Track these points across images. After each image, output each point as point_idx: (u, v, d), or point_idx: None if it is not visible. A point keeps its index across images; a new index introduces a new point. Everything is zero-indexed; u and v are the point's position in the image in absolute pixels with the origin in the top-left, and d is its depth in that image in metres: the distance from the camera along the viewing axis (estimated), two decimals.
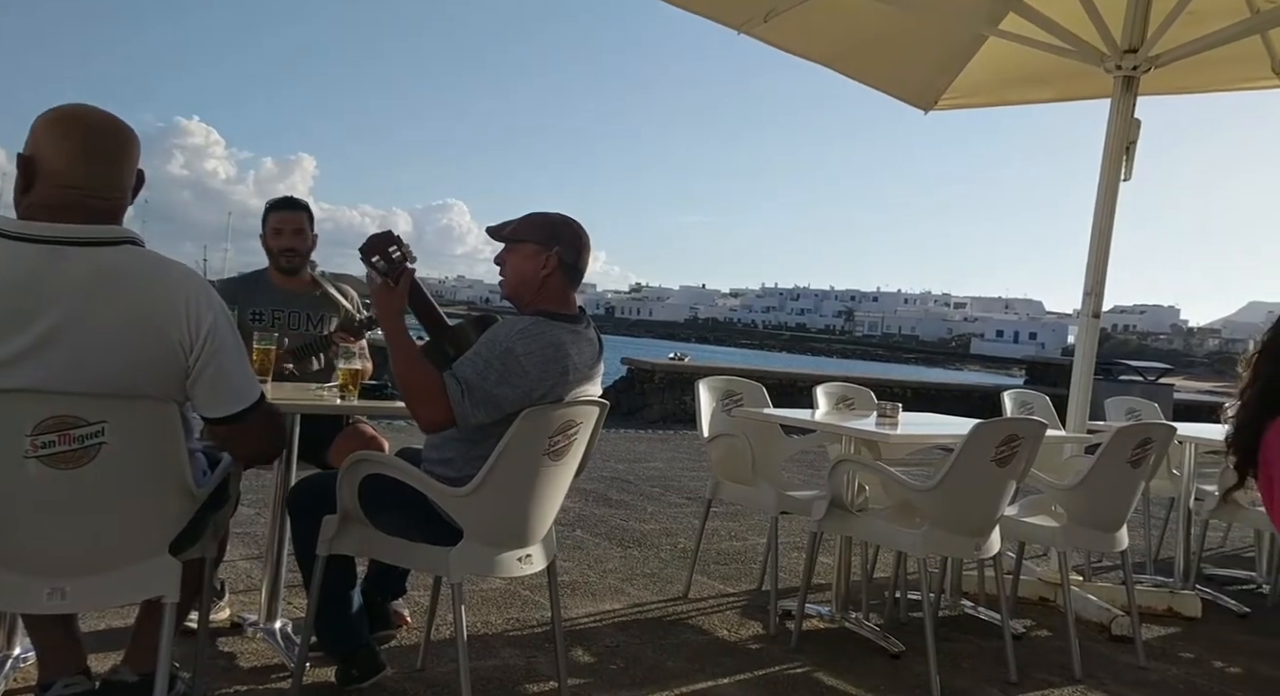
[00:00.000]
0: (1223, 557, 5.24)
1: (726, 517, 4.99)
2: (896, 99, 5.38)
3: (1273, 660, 3.46)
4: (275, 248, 3.27)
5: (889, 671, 3.03)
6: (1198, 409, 11.09)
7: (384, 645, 2.77)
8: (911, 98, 5.40)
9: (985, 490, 2.97)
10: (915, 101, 5.41)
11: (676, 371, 10.17)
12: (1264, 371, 2.28)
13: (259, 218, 3.34)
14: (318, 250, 3.37)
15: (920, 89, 5.35)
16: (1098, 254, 4.17)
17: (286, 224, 3.26)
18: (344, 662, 2.46)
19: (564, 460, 2.31)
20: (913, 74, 5.27)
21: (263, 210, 3.35)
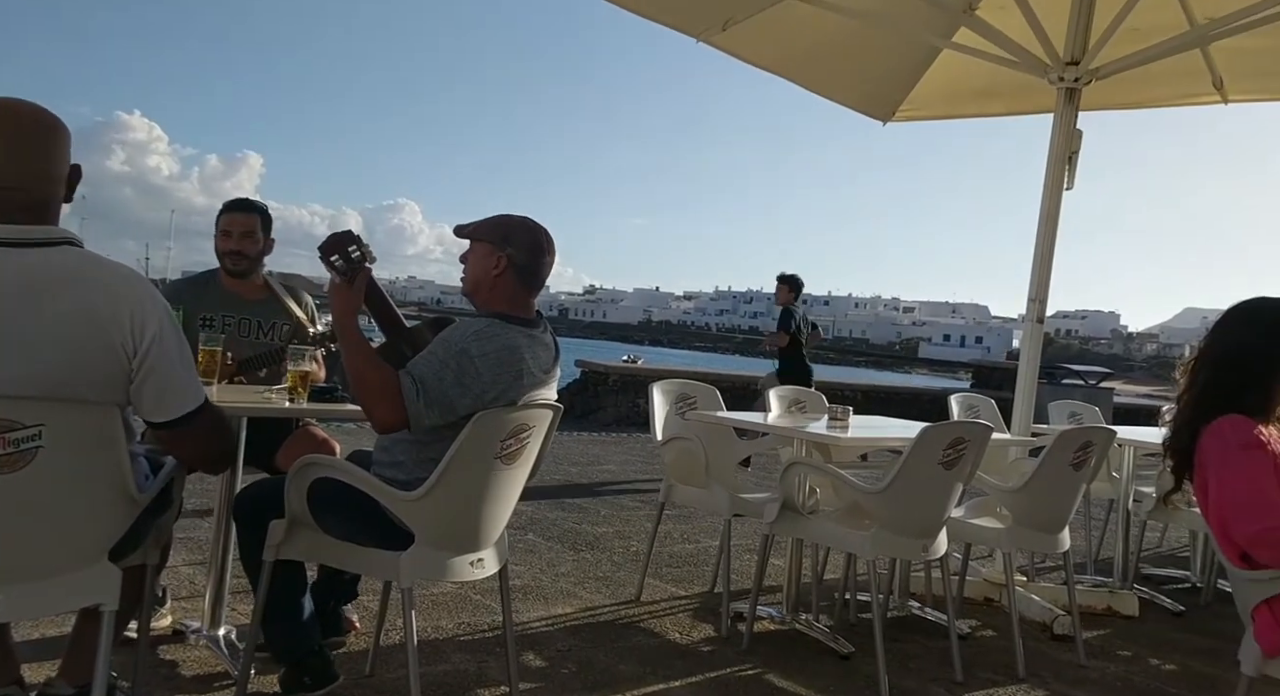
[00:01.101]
0: (1159, 557, 5.39)
1: (679, 520, 5.01)
2: (855, 110, 5.45)
3: (1206, 657, 3.56)
4: (222, 250, 3.20)
5: (839, 672, 3.06)
6: (1137, 412, 11.40)
7: (335, 651, 2.73)
8: (870, 109, 5.47)
9: (933, 492, 3.03)
10: (873, 113, 5.49)
11: (630, 374, 10.18)
12: (1199, 378, 2.36)
13: (204, 216, 3.32)
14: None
15: (878, 100, 5.42)
16: (1041, 261, 4.26)
17: (235, 226, 3.20)
18: (295, 669, 2.41)
19: (517, 464, 2.30)
20: (870, 86, 5.35)
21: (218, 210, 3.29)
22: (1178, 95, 5.16)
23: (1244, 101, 4.99)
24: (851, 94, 5.39)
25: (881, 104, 5.44)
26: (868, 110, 5.47)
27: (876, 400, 10.70)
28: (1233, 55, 4.64)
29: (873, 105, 5.45)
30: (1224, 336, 2.37)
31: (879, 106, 5.46)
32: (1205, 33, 4.17)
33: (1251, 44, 4.38)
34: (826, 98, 5.31)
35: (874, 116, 5.51)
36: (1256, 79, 4.89)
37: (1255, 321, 2.34)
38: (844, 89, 5.35)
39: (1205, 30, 4.17)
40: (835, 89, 5.33)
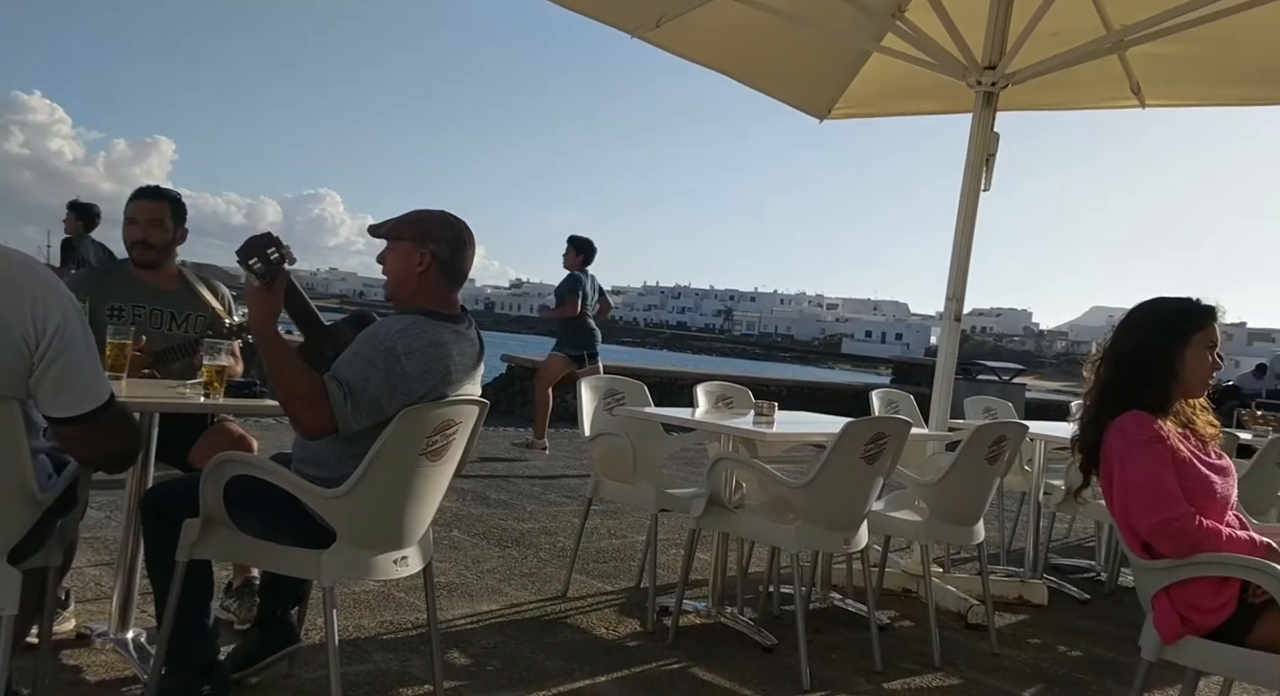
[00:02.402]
0: (1067, 548, 5.60)
1: (606, 516, 5.01)
2: (792, 107, 5.49)
3: (1109, 643, 3.72)
4: (129, 239, 3.07)
5: (762, 664, 3.11)
6: (1047, 407, 11.82)
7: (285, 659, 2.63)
8: (806, 106, 5.51)
9: (855, 486, 3.09)
10: (810, 110, 5.52)
11: None
12: (1104, 376, 2.46)
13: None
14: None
15: (814, 97, 5.46)
16: (959, 261, 4.38)
17: (141, 213, 3.07)
18: (196, 679, 2.32)
19: (442, 460, 2.27)
20: (808, 82, 5.39)
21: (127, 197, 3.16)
22: (1098, 99, 5.28)
23: (1161, 107, 5.13)
24: (790, 90, 5.43)
25: (819, 101, 5.47)
26: (805, 107, 5.51)
27: (801, 395, 10.86)
28: (1149, 62, 4.78)
29: (810, 102, 5.48)
30: (1125, 336, 2.48)
31: (816, 103, 5.49)
32: (1118, 38, 4.30)
33: (1166, 51, 4.55)
34: (765, 93, 5.34)
35: (811, 113, 5.54)
36: (1172, 85, 5.03)
37: (1152, 322, 2.45)
38: (782, 85, 5.39)
39: (1118, 36, 4.30)
40: (774, 85, 5.36)
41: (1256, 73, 4.78)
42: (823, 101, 5.49)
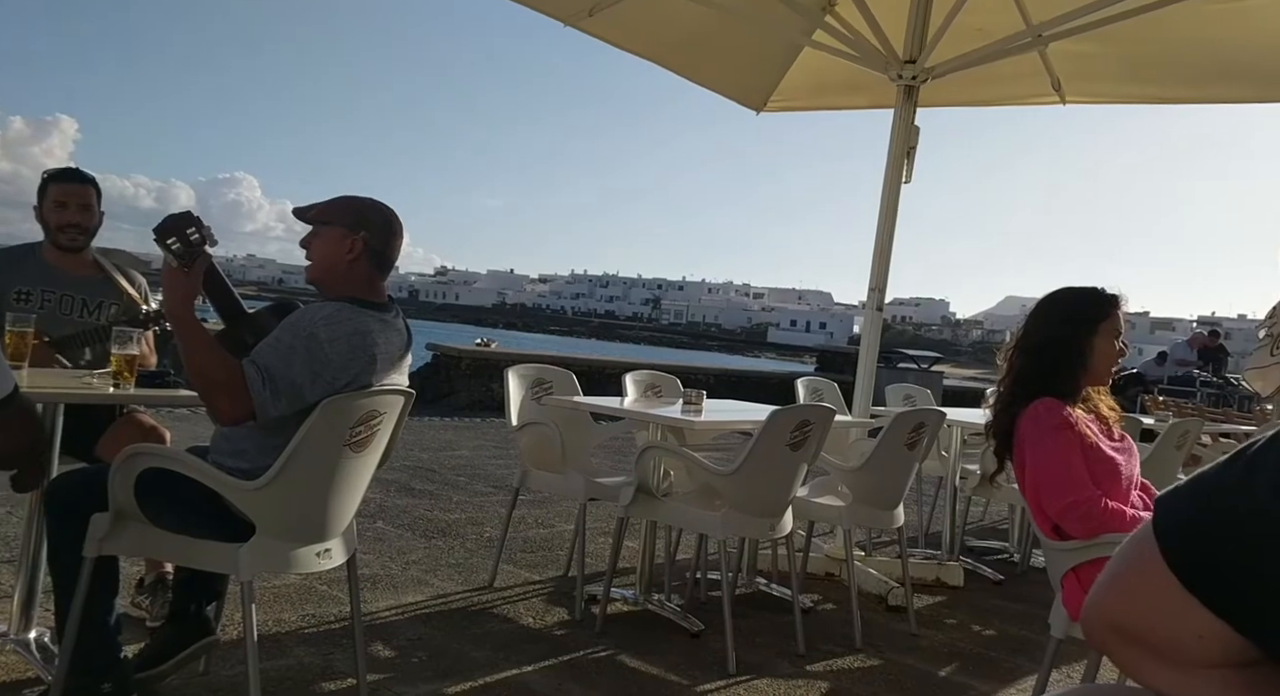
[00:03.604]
0: (982, 530, 5.80)
1: (534, 505, 4.99)
2: (728, 98, 5.49)
3: (1021, 622, 3.86)
4: (57, 223, 2.93)
5: (689, 650, 3.14)
6: (963, 394, 12.19)
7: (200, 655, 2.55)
8: (743, 98, 5.51)
9: (780, 473, 3.14)
10: (746, 102, 5.54)
11: (484, 358, 10.04)
12: (1015, 365, 2.55)
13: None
14: None
15: (750, 90, 5.47)
16: (881, 252, 4.48)
17: (72, 197, 2.93)
18: (96, 679, 2.23)
19: (366, 451, 2.23)
20: (743, 75, 5.39)
21: (40, 180, 3.01)
22: (1020, 95, 5.39)
23: (1080, 103, 5.28)
24: (726, 82, 5.43)
25: (754, 93, 5.48)
26: (742, 99, 5.51)
27: (728, 383, 10.99)
28: (1069, 59, 4.91)
29: (746, 94, 5.49)
30: (1035, 327, 2.57)
31: (752, 96, 5.50)
32: (1036, 34, 4.41)
33: (1085, 49, 4.69)
34: (701, 85, 5.34)
35: (748, 106, 5.55)
36: (1090, 83, 5.17)
37: (1061, 312, 2.54)
38: (718, 77, 5.39)
39: (1036, 32, 4.40)
40: (710, 77, 5.35)
41: (1168, 72, 4.96)
42: (758, 94, 5.51)
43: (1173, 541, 0.57)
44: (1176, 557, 0.56)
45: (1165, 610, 0.56)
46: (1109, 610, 0.60)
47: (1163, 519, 0.58)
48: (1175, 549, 0.56)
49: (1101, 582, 0.61)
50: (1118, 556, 0.61)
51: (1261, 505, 0.53)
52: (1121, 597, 0.60)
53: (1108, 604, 0.60)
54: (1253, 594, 0.53)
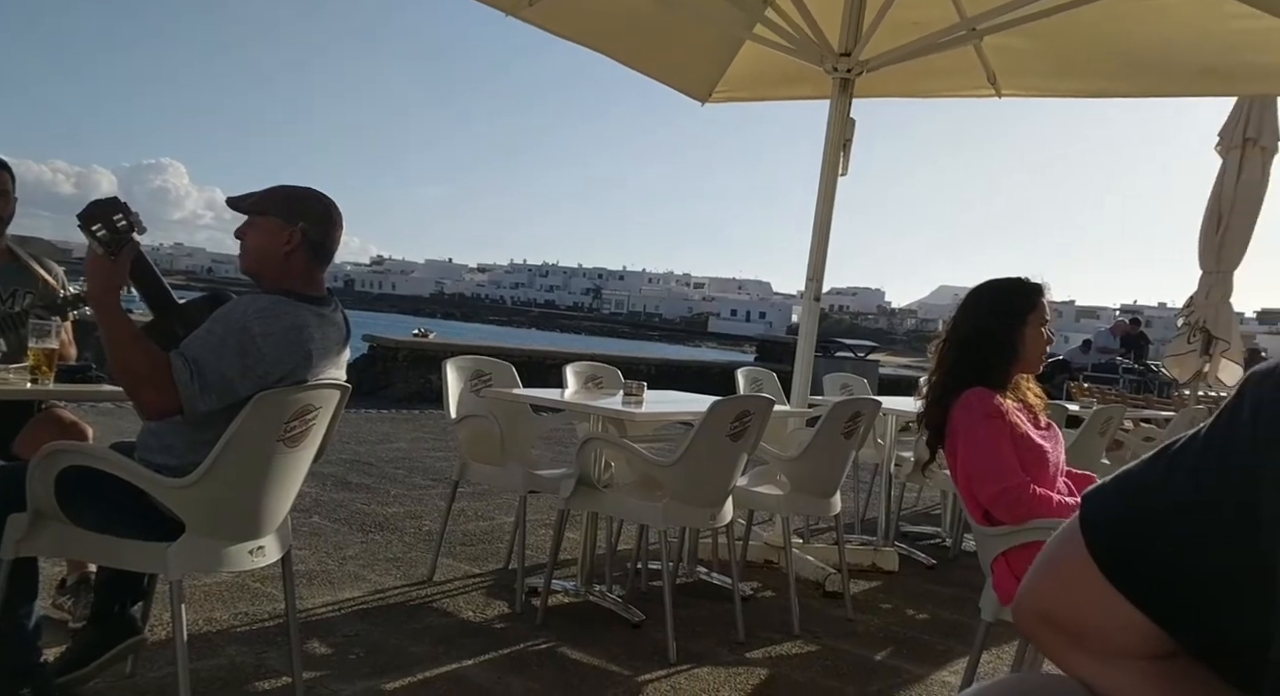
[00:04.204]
0: (915, 516, 5.93)
1: (473, 498, 4.95)
2: (673, 88, 5.47)
3: (953, 605, 3.96)
4: None
5: (630, 640, 3.15)
6: (898, 382, 12.45)
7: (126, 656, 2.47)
8: (688, 88, 5.49)
9: (721, 463, 3.16)
10: (692, 92, 5.52)
11: (421, 348, 9.91)
12: (948, 357, 2.60)
13: None
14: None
15: (695, 81, 5.46)
16: (818, 243, 4.53)
17: None
18: (15, 684, 2.15)
19: (301, 446, 2.18)
20: (687, 65, 5.38)
21: None
22: (957, 88, 5.45)
23: (1016, 96, 5.35)
24: (671, 72, 5.40)
25: (699, 84, 5.47)
26: (687, 89, 5.49)
27: (669, 373, 11.03)
28: (1004, 53, 4.98)
29: (691, 85, 5.47)
30: (964, 318, 2.63)
31: (697, 86, 5.48)
32: (970, 27, 4.47)
33: (1019, 43, 4.77)
34: (647, 75, 5.31)
35: (693, 96, 5.53)
36: (1024, 76, 5.25)
37: (990, 303, 2.61)
38: (664, 67, 5.36)
39: (969, 25, 4.47)
40: (655, 67, 5.33)
41: (1096, 67, 5.09)
42: (704, 85, 5.51)
43: (1098, 536, 0.58)
44: (1101, 552, 0.58)
45: (1090, 602, 0.58)
46: (1038, 600, 0.62)
47: (1089, 514, 0.60)
48: (1100, 544, 0.58)
49: (1032, 574, 0.63)
50: (1047, 549, 0.63)
51: (1180, 502, 0.55)
52: (1050, 589, 0.62)
53: (1038, 594, 0.62)
54: (1172, 589, 0.55)
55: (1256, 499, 0.50)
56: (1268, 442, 0.50)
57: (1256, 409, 0.52)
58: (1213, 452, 0.54)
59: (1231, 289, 7.89)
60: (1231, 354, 7.98)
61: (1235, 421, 0.54)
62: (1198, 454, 0.55)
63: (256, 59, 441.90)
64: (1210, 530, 0.53)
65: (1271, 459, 0.50)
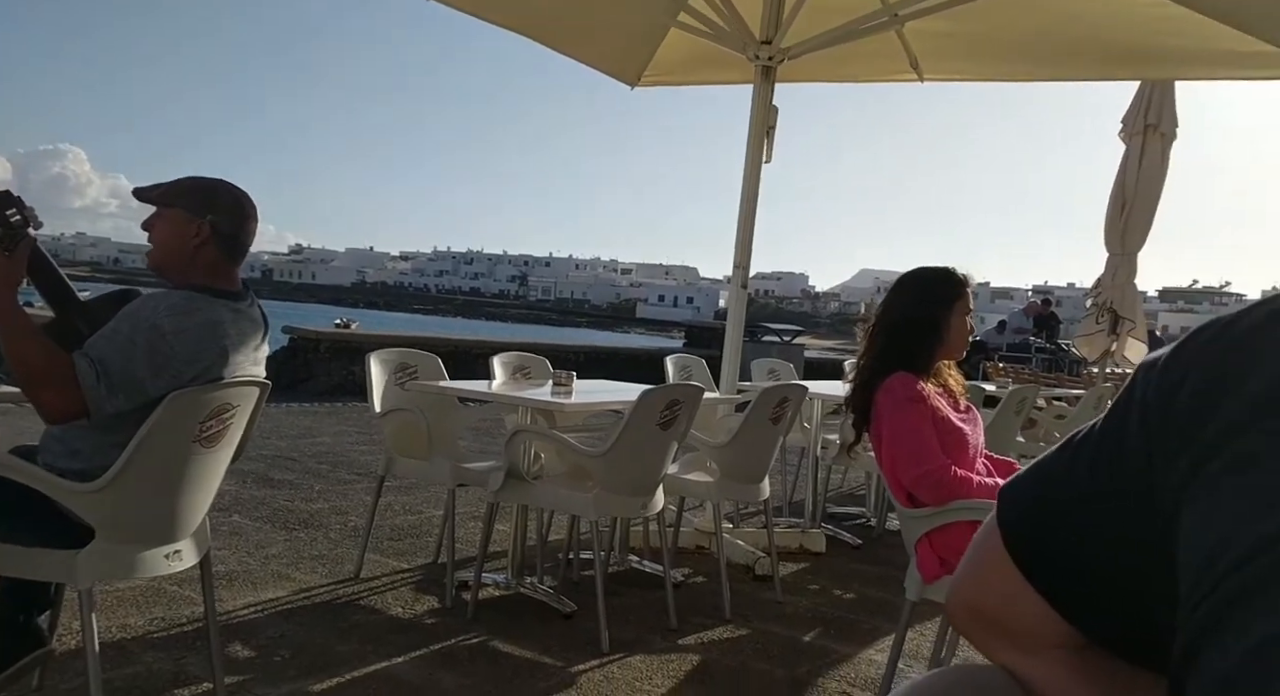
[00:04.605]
0: (840, 497, 6.04)
1: (401, 492, 4.87)
2: (603, 72, 5.41)
3: (879, 584, 4.06)
4: None
5: (562, 631, 3.14)
6: (824, 365, 12.66)
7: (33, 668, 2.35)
8: (617, 72, 5.45)
9: (651, 452, 3.17)
10: (621, 76, 5.47)
11: (344, 340, 9.68)
12: (876, 343, 2.65)
13: None
14: None
15: (624, 65, 5.41)
16: (744, 230, 4.56)
17: None
18: None
19: (219, 446, 2.11)
20: (616, 49, 5.32)
21: None
22: (881, 72, 5.51)
23: (938, 81, 5.44)
24: (600, 57, 5.35)
25: (628, 68, 5.43)
26: (616, 73, 5.44)
27: (597, 361, 11.01)
28: (926, 38, 5.05)
29: (620, 69, 5.42)
30: (894, 304, 2.69)
31: (627, 70, 5.43)
32: (891, 13, 4.51)
33: (940, 28, 4.84)
34: (575, 59, 5.25)
35: (623, 80, 5.48)
36: (946, 61, 5.34)
37: (915, 291, 2.67)
38: (592, 51, 5.31)
39: (890, 11, 4.52)
40: (583, 51, 5.28)
41: (1014, 51, 5.22)
42: (633, 69, 5.46)
43: (1012, 529, 0.59)
44: (1015, 544, 0.58)
45: (1009, 595, 0.58)
46: (966, 595, 0.63)
47: (1005, 507, 0.61)
48: (1014, 536, 0.59)
49: (960, 568, 0.64)
50: (973, 544, 0.64)
51: (1082, 493, 0.56)
52: (974, 582, 0.62)
53: (965, 589, 0.63)
54: (1080, 581, 0.56)
55: (1150, 488, 0.51)
56: (1158, 431, 0.51)
57: (1145, 397, 0.53)
58: (1109, 442, 0.55)
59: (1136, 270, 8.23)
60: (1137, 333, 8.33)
61: (1128, 410, 0.54)
62: (1095, 444, 0.56)
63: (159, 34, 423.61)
64: (1110, 521, 0.54)
65: (1162, 448, 0.50)
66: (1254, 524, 0.42)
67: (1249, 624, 0.40)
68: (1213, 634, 0.42)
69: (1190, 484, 0.48)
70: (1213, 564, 0.43)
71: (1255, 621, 0.40)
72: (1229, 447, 0.46)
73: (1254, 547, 0.42)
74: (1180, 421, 0.50)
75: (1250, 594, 0.41)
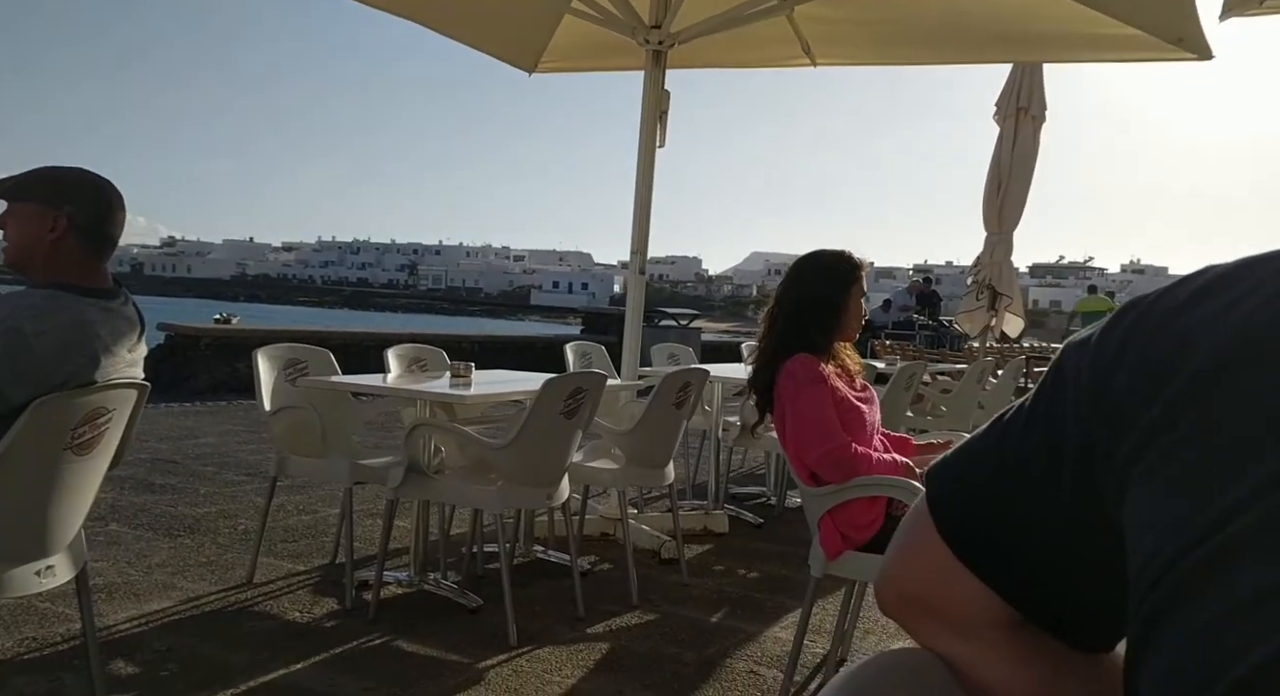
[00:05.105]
0: (741, 477, 6.14)
1: (293, 491, 4.69)
2: (499, 59, 5.29)
3: (780, 561, 4.14)
4: None
5: (468, 626, 3.09)
6: (720, 348, 12.83)
7: None
8: (514, 58, 5.34)
9: (556, 442, 3.13)
10: (518, 62, 5.36)
11: (226, 335, 9.25)
12: (776, 324, 2.69)
13: None
14: None
15: (521, 51, 5.31)
16: (640, 216, 4.56)
17: None
18: None
19: (93, 453, 1.97)
20: (512, 36, 5.21)
21: None
22: (774, 58, 5.53)
23: (831, 66, 5.50)
24: (495, 43, 5.24)
25: (525, 55, 5.33)
26: (513, 60, 5.34)
27: (494, 350, 10.87)
28: (817, 23, 5.10)
29: (517, 55, 5.32)
30: (791, 286, 2.73)
31: (523, 56, 5.33)
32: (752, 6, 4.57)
33: (831, 13, 4.91)
34: (469, 46, 5.11)
35: (520, 66, 5.38)
36: (837, 45, 5.39)
37: (815, 273, 2.72)
38: (487, 38, 5.19)
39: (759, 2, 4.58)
40: (478, 37, 5.15)
41: (901, 35, 5.33)
42: (529, 56, 5.37)
43: (942, 510, 0.59)
44: (946, 525, 0.58)
45: (941, 576, 0.58)
46: (896, 581, 0.63)
47: (934, 488, 0.60)
48: (944, 517, 0.59)
49: (889, 555, 0.63)
50: (901, 529, 0.63)
51: (1012, 470, 0.56)
52: (906, 568, 0.62)
53: (895, 575, 0.63)
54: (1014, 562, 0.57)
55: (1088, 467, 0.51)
56: (1094, 411, 0.51)
57: (1078, 377, 0.53)
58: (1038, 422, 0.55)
59: (1012, 248, 8.63)
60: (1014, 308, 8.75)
61: (1058, 390, 0.55)
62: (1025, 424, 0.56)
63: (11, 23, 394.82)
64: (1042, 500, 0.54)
65: (1101, 428, 0.51)
66: (1220, 493, 0.43)
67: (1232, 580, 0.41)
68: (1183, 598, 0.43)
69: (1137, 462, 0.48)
70: (1180, 532, 0.44)
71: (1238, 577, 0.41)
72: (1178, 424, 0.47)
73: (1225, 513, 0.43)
74: (1120, 401, 0.50)
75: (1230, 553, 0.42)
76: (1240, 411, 0.45)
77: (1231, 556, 0.42)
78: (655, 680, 2.79)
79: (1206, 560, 0.43)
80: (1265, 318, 0.46)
